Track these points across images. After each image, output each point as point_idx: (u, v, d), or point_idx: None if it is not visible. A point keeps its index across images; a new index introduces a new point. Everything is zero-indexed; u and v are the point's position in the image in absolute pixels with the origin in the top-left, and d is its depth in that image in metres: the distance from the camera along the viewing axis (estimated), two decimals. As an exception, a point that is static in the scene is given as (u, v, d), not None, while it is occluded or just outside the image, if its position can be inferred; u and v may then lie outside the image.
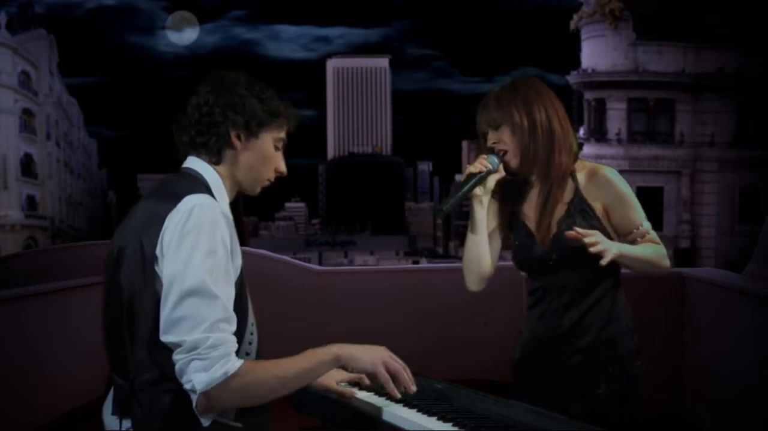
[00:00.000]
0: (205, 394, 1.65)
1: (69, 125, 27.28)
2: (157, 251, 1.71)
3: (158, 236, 1.71)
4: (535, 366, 2.30)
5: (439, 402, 1.96)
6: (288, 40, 36.62)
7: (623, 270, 2.27)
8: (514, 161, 2.24)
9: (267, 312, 1.74)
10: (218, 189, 1.83)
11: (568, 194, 2.25)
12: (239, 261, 1.78)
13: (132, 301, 1.74)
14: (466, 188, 2.20)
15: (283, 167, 1.92)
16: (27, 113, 24.04)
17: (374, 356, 1.82)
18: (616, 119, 21.61)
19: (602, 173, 2.25)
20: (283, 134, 1.91)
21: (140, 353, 1.73)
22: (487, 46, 32.20)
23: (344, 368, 1.86)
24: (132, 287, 1.74)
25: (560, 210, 2.23)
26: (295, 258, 6.17)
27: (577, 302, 2.23)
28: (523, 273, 2.39)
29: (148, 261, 1.72)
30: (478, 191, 2.23)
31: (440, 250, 35.14)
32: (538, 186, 2.26)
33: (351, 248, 34.34)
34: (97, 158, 30.55)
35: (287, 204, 37.71)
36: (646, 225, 2.24)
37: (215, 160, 1.85)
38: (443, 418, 1.84)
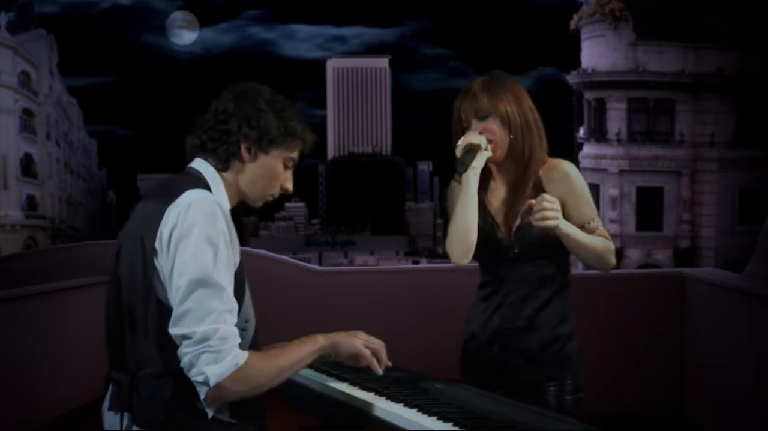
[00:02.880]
0: (217, 385, 1.68)
1: (69, 125, 27.28)
2: (156, 245, 1.73)
3: (157, 230, 1.74)
4: (488, 358, 2.36)
5: (438, 402, 1.96)
6: (303, 40, 36.57)
7: (623, 270, 2.30)
8: (498, 152, 2.28)
9: (267, 312, 1.76)
10: (219, 190, 1.85)
11: (530, 188, 2.31)
12: (238, 252, 1.81)
13: (131, 297, 1.76)
14: (476, 156, 2.22)
15: (289, 186, 1.93)
16: (27, 113, 24.04)
17: (354, 339, 1.92)
18: (616, 119, 21.60)
19: (560, 168, 2.32)
20: (295, 155, 1.92)
21: (140, 348, 1.75)
22: (504, 45, 32.14)
23: (326, 357, 1.92)
24: (131, 282, 1.76)
25: (524, 203, 2.27)
26: (295, 258, 6.17)
27: (534, 297, 2.30)
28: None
29: (147, 256, 1.74)
30: (474, 162, 2.25)
31: (440, 250, 35.11)
32: (508, 177, 2.33)
33: (351, 248, 34.34)
34: (97, 158, 30.55)
35: (287, 204, 37.69)
36: (597, 221, 2.30)
37: (222, 167, 1.87)
38: (443, 418, 1.84)
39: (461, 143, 2.26)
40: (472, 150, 2.23)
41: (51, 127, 25.20)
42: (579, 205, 2.28)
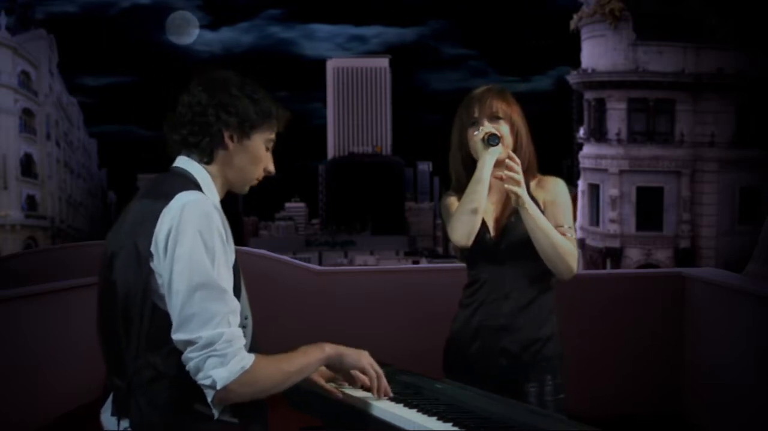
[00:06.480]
0: (224, 388, 1.69)
1: (69, 125, 27.33)
2: (152, 248, 1.72)
3: (152, 234, 1.73)
4: (469, 355, 2.40)
5: (438, 402, 1.96)
6: (323, 39, 36.58)
7: (623, 270, 2.31)
8: (501, 154, 2.35)
9: (267, 312, 1.75)
10: (208, 187, 1.84)
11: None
12: (233, 251, 1.80)
13: (127, 301, 1.75)
14: (497, 143, 2.31)
15: (271, 167, 1.93)
16: (27, 112, 24.07)
17: (361, 355, 1.95)
18: (616, 119, 21.62)
19: (550, 178, 2.43)
20: (273, 135, 1.92)
21: (137, 353, 1.74)
22: (524, 45, 32.15)
23: (331, 366, 1.94)
24: (127, 286, 1.75)
25: (511, 204, 2.35)
26: (295, 258, 6.17)
27: (516, 296, 2.35)
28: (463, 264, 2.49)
29: (143, 259, 1.73)
30: (497, 149, 2.33)
31: (440, 250, 35.14)
32: (500, 184, 2.37)
33: (351, 248, 34.39)
34: (97, 158, 30.59)
35: (287, 204, 37.73)
36: (570, 231, 2.35)
37: (207, 160, 1.86)
38: (443, 418, 1.84)
39: (479, 132, 2.33)
40: (494, 135, 2.30)
41: (51, 127, 25.24)
42: (556, 209, 2.36)
